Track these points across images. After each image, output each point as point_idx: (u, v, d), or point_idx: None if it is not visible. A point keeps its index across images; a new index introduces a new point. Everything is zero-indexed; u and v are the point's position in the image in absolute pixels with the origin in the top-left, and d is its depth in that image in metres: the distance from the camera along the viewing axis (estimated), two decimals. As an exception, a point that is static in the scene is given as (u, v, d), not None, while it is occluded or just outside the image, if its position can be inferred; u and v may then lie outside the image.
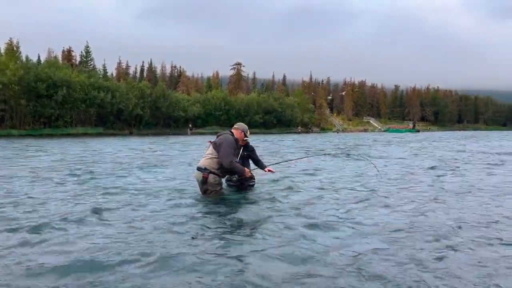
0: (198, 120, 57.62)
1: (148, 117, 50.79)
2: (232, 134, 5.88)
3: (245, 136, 6.11)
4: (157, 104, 51.59)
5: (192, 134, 50.09)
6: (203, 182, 5.63)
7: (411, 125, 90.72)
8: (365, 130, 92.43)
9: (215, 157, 5.64)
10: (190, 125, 53.29)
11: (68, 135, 40.02)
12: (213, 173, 5.61)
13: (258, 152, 6.94)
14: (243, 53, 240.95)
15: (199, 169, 5.68)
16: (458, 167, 10.52)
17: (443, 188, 6.85)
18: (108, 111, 45.94)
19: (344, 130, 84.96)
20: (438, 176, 8.56)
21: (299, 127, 67.20)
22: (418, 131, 78.37)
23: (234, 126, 6.17)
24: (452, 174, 9.02)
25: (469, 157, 13.87)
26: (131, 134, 46.65)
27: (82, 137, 37.85)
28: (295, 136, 45.59)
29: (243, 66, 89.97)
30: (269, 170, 6.46)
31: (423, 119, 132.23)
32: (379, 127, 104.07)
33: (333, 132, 77.44)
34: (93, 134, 42.95)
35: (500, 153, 15.83)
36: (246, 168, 5.98)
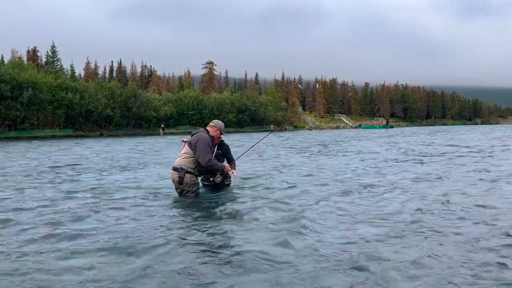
0: (170, 120, 56.90)
1: (118, 118, 49.75)
2: (207, 131, 5.77)
3: (221, 133, 5.96)
4: (127, 105, 50.58)
5: (165, 134, 49.45)
6: (180, 182, 5.48)
7: (384, 122, 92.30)
8: (337, 127, 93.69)
9: (191, 156, 5.52)
10: (163, 125, 52.56)
11: (36, 137, 38.72)
12: (190, 172, 5.48)
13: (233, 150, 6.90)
14: (215, 52, 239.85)
15: (174, 169, 5.55)
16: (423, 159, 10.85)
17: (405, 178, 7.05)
18: (77, 112, 44.72)
19: (316, 128, 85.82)
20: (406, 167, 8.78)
21: (272, 125, 67.45)
22: (392, 126, 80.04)
23: (210, 123, 6.02)
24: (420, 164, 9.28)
25: (434, 150, 14.32)
26: (101, 135, 45.61)
27: (50, 139, 36.75)
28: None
29: (215, 65, 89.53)
30: (234, 176, 6.16)
31: (392, 115, 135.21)
32: (351, 124, 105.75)
33: (306, 129, 78.10)
34: (62, 136, 41.74)
35: (461, 146, 16.43)
36: (225, 164, 5.92)
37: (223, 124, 6.12)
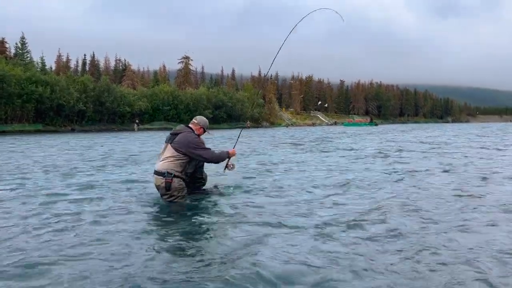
0: (145, 116, 55.86)
1: (91, 113, 48.43)
2: (192, 130, 5.36)
3: (204, 131, 5.55)
4: (100, 99, 49.27)
5: (139, 130, 48.47)
6: (167, 188, 4.99)
7: (368, 119, 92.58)
8: (313, 124, 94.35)
9: (178, 159, 5.06)
10: (137, 121, 51.49)
11: (3, 132, 37.24)
12: (177, 176, 5.04)
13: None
14: (191, 47, 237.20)
15: (158, 173, 5.05)
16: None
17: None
18: (47, 106, 43.23)
19: (293, 124, 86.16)
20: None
21: (248, 122, 67.20)
22: (377, 124, 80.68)
23: (193, 120, 5.56)
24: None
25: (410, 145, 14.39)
26: (73, 130, 44.31)
27: (18, 134, 35.40)
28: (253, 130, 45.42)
29: (191, 60, 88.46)
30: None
31: (367, 112, 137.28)
32: (326, 121, 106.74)
33: (282, 126, 78.27)
34: (31, 131, 40.29)
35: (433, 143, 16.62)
36: (226, 150, 5.55)
37: (207, 121, 5.69)
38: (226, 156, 5.44)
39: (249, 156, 12.11)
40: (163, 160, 5.13)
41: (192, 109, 59.23)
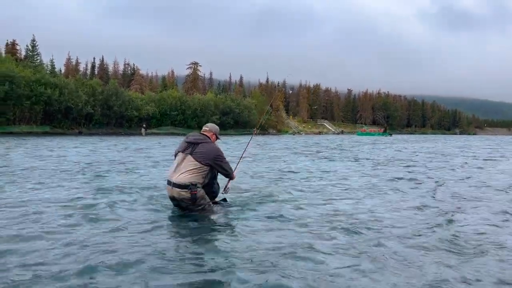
0: (152, 120, 55.80)
1: (99, 116, 48.44)
2: (209, 138, 5.05)
3: (217, 138, 5.28)
4: (108, 103, 49.30)
5: (147, 134, 48.40)
6: (193, 199, 4.73)
7: (382, 129, 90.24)
8: (320, 133, 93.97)
9: (200, 171, 4.76)
10: (144, 125, 51.40)
11: (11, 133, 37.30)
12: (199, 187, 4.79)
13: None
14: (201, 53, 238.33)
15: (179, 186, 4.70)
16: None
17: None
18: (55, 109, 43.28)
19: (300, 132, 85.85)
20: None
21: (255, 129, 67.02)
22: (391, 134, 79.62)
23: (205, 128, 5.26)
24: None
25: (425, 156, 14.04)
26: (80, 133, 44.31)
27: (26, 136, 35.41)
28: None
29: (200, 65, 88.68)
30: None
31: (374, 122, 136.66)
32: (333, 130, 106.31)
33: (289, 134, 77.99)
34: (39, 132, 40.33)
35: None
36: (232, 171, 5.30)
37: (218, 128, 5.39)
38: (231, 177, 5.23)
39: (276, 162, 11.80)
40: (184, 172, 4.76)
41: (199, 115, 59.15)
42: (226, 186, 5.40)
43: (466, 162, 13.54)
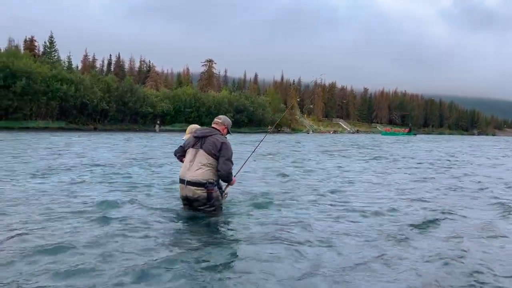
0: (166, 117, 55.91)
1: (113, 112, 48.71)
2: (219, 131, 4.75)
3: (228, 132, 4.97)
4: (123, 99, 49.55)
5: (161, 131, 48.50)
6: (209, 198, 4.47)
7: (407, 129, 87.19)
8: (335, 132, 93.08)
9: (215, 166, 4.50)
10: (158, 122, 51.52)
11: (27, 128, 37.73)
12: (215, 185, 4.55)
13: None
14: (217, 51, 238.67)
15: (194, 183, 4.41)
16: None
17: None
18: (71, 104, 43.67)
19: (314, 131, 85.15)
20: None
21: (270, 127, 66.64)
22: (415, 134, 78.38)
23: (217, 120, 4.94)
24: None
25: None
26: (95, 129, 44.64)
27: (42, 131, 35.74)
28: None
29: (215, 63, 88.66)
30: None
31: (390, 122, 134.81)
32: (348, 129, 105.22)
33: (303, 132, 77.40)
34: (55, 128, 40.74)
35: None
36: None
37: (230, 122, 5.07)
38: (231, 181, 4.80)
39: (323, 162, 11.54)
40: (198, 168, 4.46)
41: (213, 112, 58.97)
42: (223, 191, 4.93)
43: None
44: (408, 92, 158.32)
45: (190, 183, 4.44)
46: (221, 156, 4.51)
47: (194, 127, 5.23)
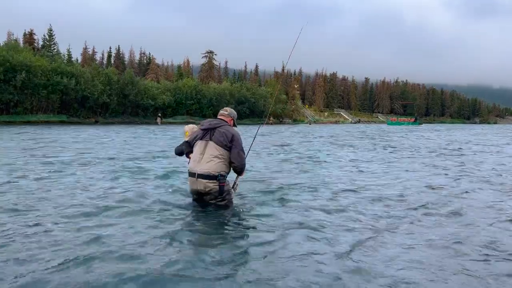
0: (168, 109, 55.65)
1: (115, 105, 48.47)
2: (227, 123, 4.63)
3: (234, 125, 4.85)
4: (124, 92, 49.28)
5: (162, 123, 48.29)
6: (221, 192, 4.35)
7: (413, 119, 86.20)
8: (337, 122, 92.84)
9: (226, 158, 4.37)
10: (160, 114, 51.27)
11: (28, 122, 37.58)
12: (225, 178, 4.45)
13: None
14: (217, 42, 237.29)
15: (206, 176, 4.26)
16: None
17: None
18: (72, 98, 43.43)
19: (316, 122, 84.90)
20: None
21: (271, 118, 66.40)
22: (421, 123, 78.39)
23: (223, 112, 4.81)
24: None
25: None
26: (96, 122, 44.48)
27: (43, 125, 35.61)
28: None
29: (215, 54, 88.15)
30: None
31: (392, 111, 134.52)
32: (350, 119, 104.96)
33: (305, 123, 77.17)
34: (56, 122, 40.58)
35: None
36: None
37: (236, 113, 4.94)
38: (243, 172, 4.67)
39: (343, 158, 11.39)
40: (210, 161, 4.32)
41: (215, 104, 58.77)
42: (234, 183, 4.83)
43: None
44: (409, 82, 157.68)
45: (202, 176, 4.29)
46: (233, 148, 4.40)
47: (192, 126, 5.16)
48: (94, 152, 10.93)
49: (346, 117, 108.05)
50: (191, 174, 4.38)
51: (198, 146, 4.46)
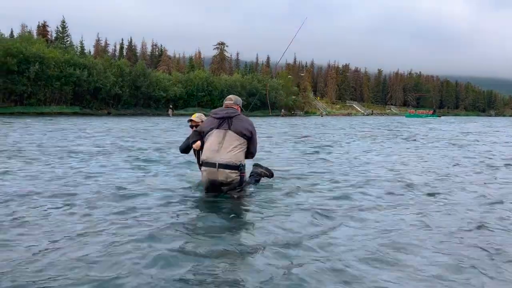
0: (179, 101, 55.74)
1: (127, 97, 48.71)
2: (240, 113, 4.58)
3: (242, 111, 4.80)
4: (136, 83, 49.46)
5: (174, 115, 48.42)
6: (240, 182, 4.28)
7: (431, 111, 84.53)
8: (349, 114, 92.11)
9: (244, 148, 4.31)
10: (171, 106, 51.38)
11: (42, 114, 37.99)
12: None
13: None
14: (229, 34, 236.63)
15: (228, 166, 4.13)
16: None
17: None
18: (84, 89, 43.74)
19: (328, 114, 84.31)
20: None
21: (283, 110, 66.08)
22: (440, 116, 77.48)
23: (228, 101, 4.72)
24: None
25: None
26: (109, 114, 44.77)
27: (56, 116, 35.95)
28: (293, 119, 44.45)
29: (227, 46, 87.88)
30: None
31: (405, 103, 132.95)
32: (362, 111, 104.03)
33: (317, 115, 76.70)
34: (69, 113, 40.95)
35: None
36: None
37: (240, 99, 4.84)
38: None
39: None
40: (231, 150, 4.20)
41: (226, 96, 58.45)
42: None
43: None
44: (423, 73, 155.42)
45: (223, 166, 4.15)
46: (253, 139, 4.39)
47: (199, 115, 5.26)
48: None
49: (359, 109, 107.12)
50: (209, 164, 4.21)
51: (214, 136, 4.30)
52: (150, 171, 6.20)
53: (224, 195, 4.29)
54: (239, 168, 4.19)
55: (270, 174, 5.14)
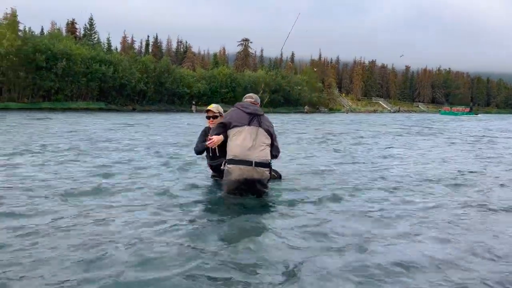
0: (203, 97, 55.95)
1: (151, 93, 49.21)
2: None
3: None
4: (161, 80, 49.92)
5: (197, 111, 48.58)
6: (268, 180, 4.20)
7: (468, 108, 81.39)
8: (375, 111, 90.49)
9: (269, 146, 4.24)
10: (194, 102, 51.60)
11: (69, 109, 38.76)
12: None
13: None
14: (253, 30, 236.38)
15: (261, 164, 4.01)
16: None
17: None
18: (110, 85, 44.42)
19: (353, 111, 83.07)
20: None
21: (306, 107, 65.39)
22: (477, 114, 75.38)
23: (249, 99, 4.66)
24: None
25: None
26: (134, 110, 45.31)
27: (83, 111, 36.57)
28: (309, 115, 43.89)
29: (251, 42, 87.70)
30: None
31: (433, 101, 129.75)
32: (389, 108, 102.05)
33: (342, 112, 75.65)
34: (95, 109, 41.64)
35: None
36: None
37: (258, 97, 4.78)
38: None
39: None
40: (263, 148, 4.10)
41: (249, 92, 58.52)
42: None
43: None
44: (452, 70, 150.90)
45: (259, 164, 4.01)
46: (276, 139, 4.33)
47: (217, 106, 5.17)
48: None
49: (385, 106, 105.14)
50: (244, 162, 3.99)
51: (247, 132, 4.09)
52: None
53: (251, 196, 4.14)
54: (269, 166, 4.16)
55: (278, 176, 5.14)
